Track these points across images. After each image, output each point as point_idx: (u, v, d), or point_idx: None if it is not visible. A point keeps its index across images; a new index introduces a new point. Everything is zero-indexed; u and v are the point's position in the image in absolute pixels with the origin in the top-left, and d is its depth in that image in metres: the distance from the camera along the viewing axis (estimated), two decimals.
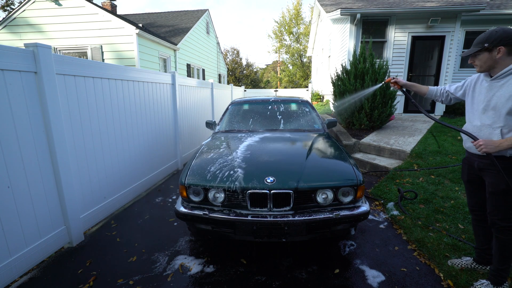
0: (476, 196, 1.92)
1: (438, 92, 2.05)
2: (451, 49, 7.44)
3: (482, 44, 1.63)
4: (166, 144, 4.54)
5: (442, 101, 2.06)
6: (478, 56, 1.67)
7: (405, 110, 8.14)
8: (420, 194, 3.31)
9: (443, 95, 2.03)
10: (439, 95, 2.05)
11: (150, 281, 2.07)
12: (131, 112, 3.50)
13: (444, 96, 2.03)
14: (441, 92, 2.03)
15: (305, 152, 2.53)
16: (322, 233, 2.16)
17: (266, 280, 2.07)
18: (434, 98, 2.08)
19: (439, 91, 2.05)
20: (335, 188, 2.11)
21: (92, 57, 8.72)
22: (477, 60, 1.69)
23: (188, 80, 5.37)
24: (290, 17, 25.48)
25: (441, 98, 2.04)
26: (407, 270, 2.14)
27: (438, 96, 2.05)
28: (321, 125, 3.59)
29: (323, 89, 11.96)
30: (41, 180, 2.23)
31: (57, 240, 2.40)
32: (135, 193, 3.65)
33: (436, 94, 2.06)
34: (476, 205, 1.93)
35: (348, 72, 6.23)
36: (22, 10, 8.64)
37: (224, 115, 3.93)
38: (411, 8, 7.10)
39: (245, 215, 2.07)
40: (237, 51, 27.40)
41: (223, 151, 2.64)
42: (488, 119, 1.68)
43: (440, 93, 2.04)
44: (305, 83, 24.13)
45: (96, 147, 2.88)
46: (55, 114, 2.30)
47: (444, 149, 4.59)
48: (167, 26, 12.90)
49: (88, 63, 2.74)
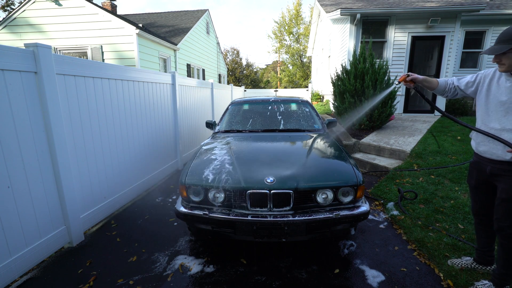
0: (482, 201, 1.85)
1: (447, 86, 1.86)
2: (451, 49, 7.44)
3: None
4: (166, 144, 4.54)
5: (447, 96, 1.89)
6: (508, 54, 1.50)
7: (405, 110, 8.14)
8: (420, 194, 3.31)
9: (451, 90, 1.85)
10: (447, 90, 1.87)
11: (150, 281, 2.07)
12: (131, 112, 3.51)
13: (452, 92, 1.86)
14: (449, 87, 1.85)
15: (305, 152, 2.53)
16: (322, 233, 2.16)
17: (266, 280, 2.07)
18: (441, 93, 1.90)
19: (448, 85, 1.86)
20: (335, 188, 2.11)
21: (92, 57, 8.72)
22: (504, 58, 1.52)
23: (188, 80, 5.37)
24: (290, 17, 25.49)
25: (448, 93, 1.88)
26: (407, 270, 2.14)
27: (448, 91, 1.87)
28: (321, 125, 3.59)
29: (323, 89, 11.96)
30: (41, 180, 2.23)
31: (57, 240, 2.40)
32: (135, 193, 3.65)
33: (444, 89, 1.87)
34: (482, 210, 1.88)
35: (348, 72, 6.24)
36: (22, 10, 8.64)
37: (224, 115, 3.93)
38: (411, 8, 7.10)
39: (245, 215, 2.07)
40: (237, 51, 27.43)
41: (223, 151, 2.64)
42: (511, 123, 1.57)
43: (448, 88, 1.86)
44: (305, 83, 24.13)
45: (96, 147, 2.88)
46: (55, 114, 2.30)
47: (444, 149, 4.60)
48: (167, 26, 12.90)
49: (88, 63, 2.74)
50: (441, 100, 7.87)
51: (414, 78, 1.88)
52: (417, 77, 1.87)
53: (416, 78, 1.87)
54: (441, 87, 1.87)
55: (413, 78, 1.88)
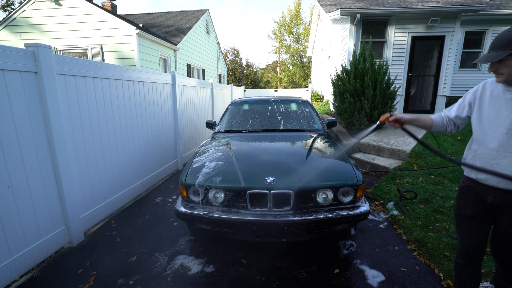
0: (478, 236, 1.48)
1: (444, 120, 1.59)
2: (451, 49, 7.44)
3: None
4: (166, 144, 4.54)
5: (451, 130, 1.60)
6: (505, 62, 1.25)
7: (405, 110, 8.13)
8: (420, 194, 3.31)
9: (450, 124, 1.58)
10: (446, 124, 1.59)
11: (150, 281, 2.07)
12: (131, 112, 3.51)
13: (452, 125, 1.58)
14: (447, 121, 1.59)
15: (305, 152, 2.54)
16: (322, 233, 2.16)
17: (266, 280, 2.07)
18: (442, 130, 1.61)
19: (444, 120, 1.59)
20: (335, 188, 2.11)
21: (93, 57, 8.72)
22: (503, 67, 1.27)
23: (188, 80, 5.37)
24: (290, 18, 25.50)
25: (450, 127, 1.59)
26: (407, 270, 2.14)
27: (446, 125, 1.59)
28: (321, 125, 3.59)
29: (323, 89, 11.96)
30: (41, 180, 2.23)
31: (57, 240, 2.40)
32: (135, 193, 3.65)
33: (443, 125, 1.60)
34: (476, 248, 1.49)
35: (348, 72, 6.24)
36: (22, 10, 8.64)
37: (224, 115, 3.93)
38: (411, 8, 7.10)
39: (245, 215, 2.08)
40: (237, 51, 27.44)
41: (223, 151, 2.64)
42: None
43: (446, 122, 1.59)
44: (305, 83, 24.13)
45: (96, 147, 2.88)
46: (55, 114, 2.30)
47: (444, 149, 4.60)
48: (167, 26, 12.90)
49: (88, 63, 2.74)
50: (441, 100, 7.87)
51: (398, 118, 1.58)
52: (402, 117, 1.58)
53: (401, 118, 1.58)
54: (438, 125, 1.60)
55: (397, 118, 1.58)
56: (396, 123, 1.61)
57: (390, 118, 1.59)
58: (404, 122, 1.60)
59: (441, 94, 7.79)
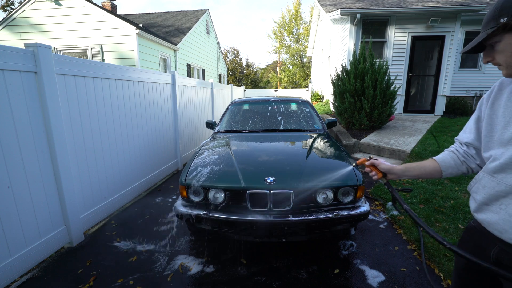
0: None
1: (454, 156, 1.10)
2: (451, 49, 7.44)
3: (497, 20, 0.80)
4: (166, 144, 4.54)
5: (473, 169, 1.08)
6: (496, 45, 0.84)
7: (405, 110, 8.14)
8: (420, 194, 3.31)
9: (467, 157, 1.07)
10: (460, 162, 1.08)
11: (150, 281, 2.07)
12: (131, 112, 3.51)
13: (470, 157, 1.07)
14: (459, 154, 1.09)
15: (305, 152, 2.53)
16: (322, 233, 2.16)
17: (266, 280, 2.07)
18: (455, 171, 1.10)
19: (455, 154, 1.10)
20: (335, 188, 2.11)
21: (92, 57, 8.72)
22: (497, 53, 0.85)
23: (188, 80, 5.37)
24: (290, 18, 25.50)
25: (466, 165, 1.07)
26: (407, 270, 2.14)
27: (460, 164, 1.08)
28: (321, 125, 3.59)
29: (323, 89, 11.96)
30: (41, 180, 2.23)
31: (57, 240, 2.40)
32: (135, 193, 3.65)
33: (456, 163, 1.09)
34: None
35: (348, 72, 6.24)
36: (22, 10, 8.64)
37: (224, 115, 3.93)
38: (411, 8, 7.11)
39: (245, 215, 2.07)
40: (237, 51, 27.47)
41: (223, 151, 2.64)
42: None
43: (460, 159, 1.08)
44: (305, 83, 24.13)
45: (96, 147, 2.88)
46: (55, 114, 2.30)
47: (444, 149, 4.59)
48: (167, 26, 12.90)
49: (88, 63, 2.74)
50: (441, 100, 7.87)
51: (376, 164, 1.18)
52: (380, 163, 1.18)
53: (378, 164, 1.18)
54: (449, 164, 1.09)
55: (375, 164, 1.19)
56: (375, 170, 1.20)
57: (367, 162, 1.22)
58: (386, 172, 1.17)
59: (441, 94, 7.79)
